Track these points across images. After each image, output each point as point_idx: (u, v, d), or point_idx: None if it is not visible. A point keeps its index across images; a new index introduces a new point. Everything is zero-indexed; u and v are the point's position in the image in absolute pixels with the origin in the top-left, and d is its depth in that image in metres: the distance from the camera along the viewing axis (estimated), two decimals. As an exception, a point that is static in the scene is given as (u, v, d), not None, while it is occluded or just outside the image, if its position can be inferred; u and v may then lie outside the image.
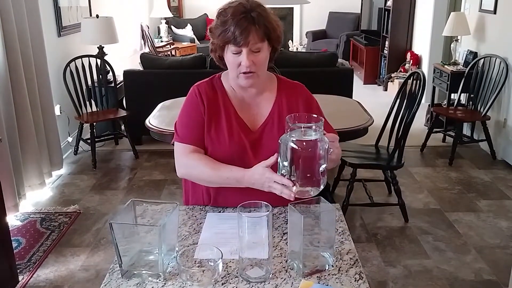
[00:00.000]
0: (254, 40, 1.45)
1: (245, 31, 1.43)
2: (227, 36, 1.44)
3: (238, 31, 1.43)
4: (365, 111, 3.26)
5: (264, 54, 1.50)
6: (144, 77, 4.58)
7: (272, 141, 1.54)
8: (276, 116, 1.58)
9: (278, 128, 1.56)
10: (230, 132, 1.56)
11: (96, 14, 4.65)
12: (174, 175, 4.07)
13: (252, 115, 1.60)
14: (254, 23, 1.44)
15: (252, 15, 1.45)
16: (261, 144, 1.56)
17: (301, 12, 9.41)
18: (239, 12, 1.45)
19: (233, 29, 1.43)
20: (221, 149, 1.55)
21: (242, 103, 1.60)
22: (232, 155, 1.54)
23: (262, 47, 1.48)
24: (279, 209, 1.53)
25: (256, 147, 1.56)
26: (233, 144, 1.55)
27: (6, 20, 3.26)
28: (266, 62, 1.54)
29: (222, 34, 1.46)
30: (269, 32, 1.49)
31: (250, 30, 1.43)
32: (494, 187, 3.81)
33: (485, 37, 4.73)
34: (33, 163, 3.58)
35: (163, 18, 8.14)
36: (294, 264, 1.23)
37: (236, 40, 1.43)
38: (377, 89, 7.13)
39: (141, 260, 1.23)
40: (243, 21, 1.43)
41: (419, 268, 2.76)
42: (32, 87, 3.59)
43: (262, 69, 1.54)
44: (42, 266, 2.78)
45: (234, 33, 1.43)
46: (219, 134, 1.56)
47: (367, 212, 3.38)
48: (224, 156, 1.55)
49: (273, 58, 1.61)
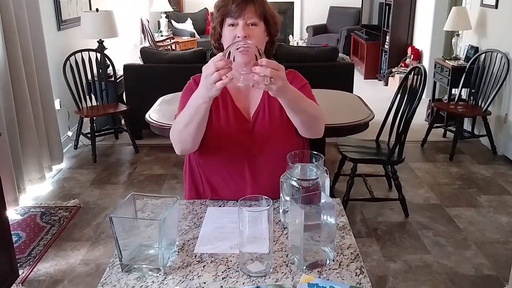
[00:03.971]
0: (251, 14, 1.48)
1: (242, 3, 1.48)
2: (226, 9, 1.49)
3: (235, 3, 1.48)
4: (365, 106, 3.25)
5: (260, 30, 1.52)
6: (144, 72, 4.57)
7: (265, 129, 1.57)
8: (266, 102, 1.59)
9: (269, 114, 1.58)
10: (227, 120, 1.57)
11: (96, 8, 4.63)
12: (174, 170, 4.09)
13: (247, 104, 1.62)
14: (253, 1, 1.49)
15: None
16: (256, 132, 1.58)
17: (301, 7, 9.38)
18: None
19: (231, 2, 1.48)
20: (219, 137, 1.56)
21: (238, 92, 1.61)
22: (229, 144, 1.56)
23: (258, 24, 1.51)
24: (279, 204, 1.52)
25: (251, 135, 1.57)
26: (230, 133, 1.56)
27: (5, 14, 3.25)
28: (262, 40, 1.54)
29: (222, 9, 1.51)
30: (267, 16, 1.53)
31: (247, 4, 1.48)
32: (495, 183, 3.80)
33: (487, 32, 4.71)
34: (33, 157, 3.58)
35: (163, 12, 8.11)
36: (294, 259, 1.23)
37: (233, 11, 1.48)
38: (378, 84, 7.11)
39: (141, 254, 1.23)
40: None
41: (419, 263, 2.76)
42: (32, 81, 3.58)
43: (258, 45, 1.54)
44: (42, 260, 2.78)
45: (232, 5, 1.48)
46: (217, 122, 1.57)
47: (367, 207, 3.38)
48: (221, 145, 1.56)
49: (271, 52, 1.61)
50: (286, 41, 7.96)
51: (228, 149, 1.57)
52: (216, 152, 1.58)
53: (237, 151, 1.57)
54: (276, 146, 1.56)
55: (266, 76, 1.23)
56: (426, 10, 6.28)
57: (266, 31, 1.55)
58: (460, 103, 4.66)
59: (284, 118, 1.55)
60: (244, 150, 1.57)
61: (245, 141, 1.57)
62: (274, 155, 1.54)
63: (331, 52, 4.62)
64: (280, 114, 1.56)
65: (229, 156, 1.58)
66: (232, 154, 1.57)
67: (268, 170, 1.56)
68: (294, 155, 1.37)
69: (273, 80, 1.24)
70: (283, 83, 1.27)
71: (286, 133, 1.58)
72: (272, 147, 1.57)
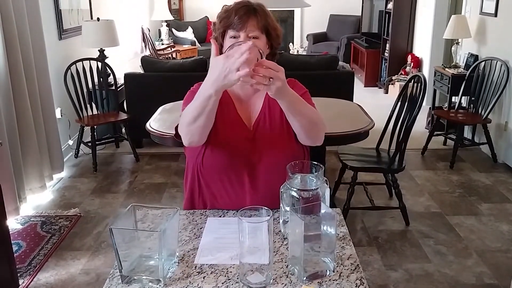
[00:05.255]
0: (253, 27, 1.50)
1: (245, 16, 1.50)
2: (228, 21, 1.51)
3: (238, 16, 1.50)
4: (366, 114, 3.26)
5: (261, 43, 1.52)
6: (145, 80, 4.58)
7: (265, 137, 1.58)
8: (267, 111, 1.60)
9: (270, 122, 1.59)
10: (229, 128, 1.58)
11: (97, 17, 4.65)
12: (175, 178, 4.09)
13: (249, 112, 1.63)
14: (256, 14, 1.51)
15: (255, 7, 1.53)
16: (256, 140, 1.58)
17: (302, 15, 9.41)
18: (242, 3, 1.54)
19: (234, 14, 1.51)
20: (221, 144, 1.56)
21: (240, 101, 1.63)
22: (230, 152, 1.57)
23: (260, 37, 1.52)
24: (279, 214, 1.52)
25: (252, 143, 1.58)
26: (231, 140, 1.57)
27: (7, 23, 3.27)
28: None
29: (224, 21, 1.53)
30: (269, 27, 1.54)
31: (249, 17, 1.50)
32: (495, 191, 3.80)
33: (486, 40, 4.73)
34: (34, 166, 3.58)
35: (164, 20, 8.14)
36: (294, 270, 1.22)
37: (235, 24, 1.50)
38: (378, 92, 7.12)
39: (141, 265, 1.23)
40: (244, 9, 1.52)
41: (420, 272, 2.75)
42: (33, 90, 3.59)
43: None
44: (43, 269, 2.78)
45: (234, 18, 1.50)
46: (220, 129, 1.57)
47: (368, 216, 3.38)
48: (222, 152, 1.57)
49: None
50: (287, 49, 7.98)
51: (229, 156, 1.57)
52: (217, 159, 1.59)
53: (237, 159, 1.57)
54: (276, 154, 1.56)
55: (265, 77, 1.25)
56: (425, 18, 6.30)
57: (268, 44, 1.56)
58: (460, 111, 4.66)
59: (284, 127, 1.56)
60: (244, 158, 1.57)
61: (245, 149, 1.57)
62: (274, 164, 1.55)
63: (331, 60, 4.63)
64: (281, 123, 1.57)
65: (229, 164, 1.58)
66: (232, 161, 1.58)
67: (268, 179, 1.56)
68: (294, 165, 1.37)
69: (273, 81, 1.27)
70: (283, 84, 1.30)
71: (287, 142, 1.59)
72: (272, 156, 1.57)
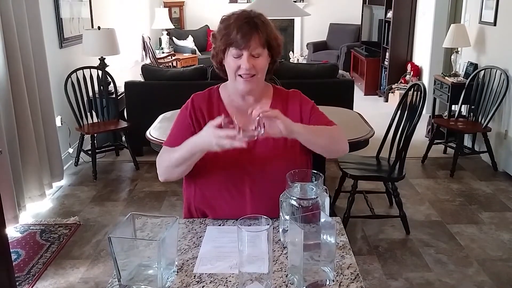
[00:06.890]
0: (255, 45, 1.48)
1: (247, 34, 1.47)
2: (229, 38, 1.48)
3: (240, 34, 1.47)
4: (365, 123, 3.26)
5: (264, 60, 1.53)
6: (145, 89, 4.59)
7: (266, 148, 1.57)
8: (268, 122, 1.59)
9: None
10: None
11: (98, 26, 4.67)
12: (174, 187, 4.09)
13: (248, 123, 1.60)
14: (257, 29, 1.49)
15: (255, 21, 1.50)
16: (257, 151, 1.57)
17: (302, 24, 9.45)
18: (242, 17, 1.50)
19: (235, 32, 1.47)
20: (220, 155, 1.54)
21: (239, 112, 1.60)
22: (229, 163, 1.56)
23: (262, 53, 1.51)
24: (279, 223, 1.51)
25: (251, 154, 1.57)
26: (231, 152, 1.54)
27: (7, 31, 3.28)
28: (265, 69, 1.56)
29: (225, 37, 1.50)
30: (270, 40, 1.53)
31: (252, 35, 1.48)
32: (496, 199, 3.79)
33: (486, 49, 4.74)
34: (34, 174, 3.58)
35: (165, 29, 8.17)
36: (294, 279, 1.22)
37: (238, 43, 1.47)
38: (378, 100, 7.13)
39: (140, 275, 1.22)
40: (246, 25, 1.48)
41: (420, 281, 2.73)
42: (33, 98, 3.60)
43: (261, 75, 1.56)
44: (42, 278, 2.76)
45: (236, 36, 1.47)
46: None
47: (368, 224, 3.37)
48: (222, 163, 1.56)
49: (271, 70, 1.62)
50: (287, 58, 8.00)
51: (228, 167, 1.56)
52: (217, 170, 1.58)
53: (237, 170, 1.56)
54: (278, 165, 1.55)
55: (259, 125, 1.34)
56: (425, 27, 6.33)
57: (269, 54, 1.56)
58: (460, 119, 4.67)
59: (287, 138, 1.54)
60: (244, 169, 1.56)
61: (245, 160, 1.56)
62: (275, 175, 1.53)
63: (331, 69, 4.64)
64: None
65: (229, 175, 1.57)
66: (232, 172, 1.57)
67: (269, 190, 1.54)
68: (293, 174, 1.37)
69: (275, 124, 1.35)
70: (284, 120, 1.37)
71: (289, 153, 1.58)
72: (273, 167, 1.56)
